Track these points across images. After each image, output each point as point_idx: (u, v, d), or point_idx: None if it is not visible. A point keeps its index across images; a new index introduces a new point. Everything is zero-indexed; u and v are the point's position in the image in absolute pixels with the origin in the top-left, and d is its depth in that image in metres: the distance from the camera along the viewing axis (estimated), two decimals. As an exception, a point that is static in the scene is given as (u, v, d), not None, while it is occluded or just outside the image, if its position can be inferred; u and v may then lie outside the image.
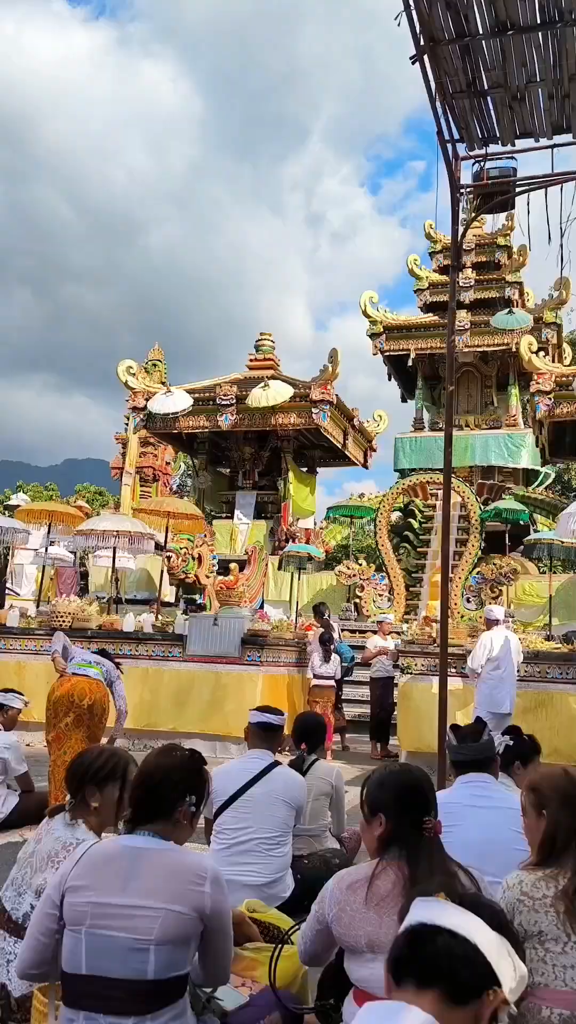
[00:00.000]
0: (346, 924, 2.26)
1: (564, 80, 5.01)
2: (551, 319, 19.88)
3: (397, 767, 2.52)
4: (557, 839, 2.37)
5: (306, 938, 2.49)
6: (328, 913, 2.32)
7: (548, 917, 2.24)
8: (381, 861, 2.29)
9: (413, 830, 2.28)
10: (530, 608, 15.64)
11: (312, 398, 16.72)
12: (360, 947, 2.23)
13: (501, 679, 8.79)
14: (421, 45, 4.68)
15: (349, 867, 2.49)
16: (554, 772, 2.55)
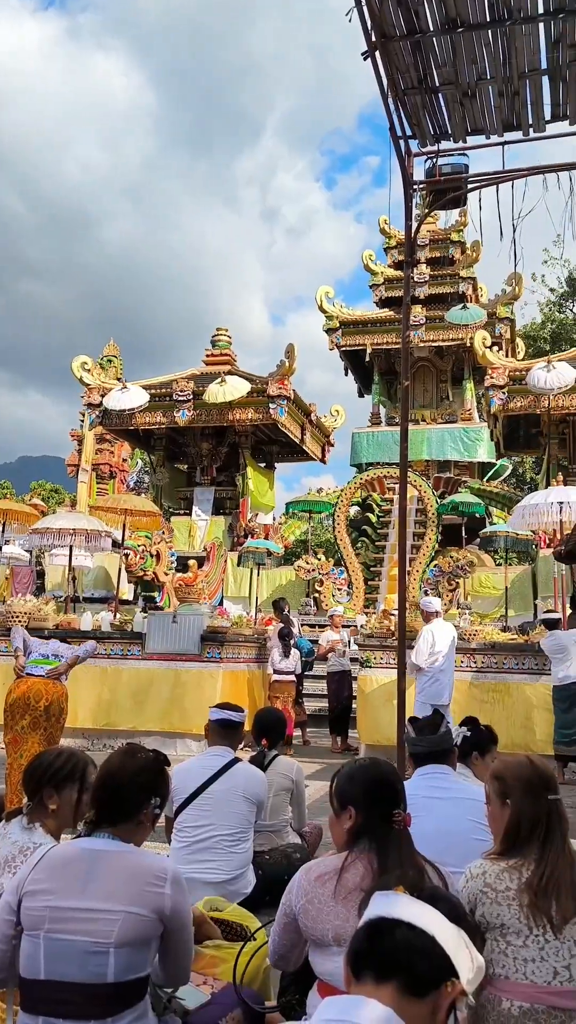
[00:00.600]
0: (313, 916, 2.27)
1: (514, 78, 5.07)
2: (504, 314, 20.13)
3: (367, 761, 2.53)
4: (521, 828, 2.38)
5: (276, 934, 2.48)
6: (295, 905, 2.32)
7: (511, 910, 2.25)
8: (350, 854, 2.29)
9: (382, 823, 2.29)
10: (486, 600, 15.86)
11: (269, 393, 16.72)
12: (327, 940, 2.24)
13: (441, 670, 8.91)
14: (372, 41, 4.69)
15: (318, 859, 2.49)
16: (518, 760, 2.54)
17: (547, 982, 2.17)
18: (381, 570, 17.28)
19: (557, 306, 34.36)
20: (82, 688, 10.48)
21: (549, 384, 14.26)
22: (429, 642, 8.95)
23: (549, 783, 2.44)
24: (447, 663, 8.95)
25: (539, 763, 2.53)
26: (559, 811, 2.40)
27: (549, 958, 2.19)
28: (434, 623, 9.23)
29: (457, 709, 9.11)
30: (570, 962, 2.18)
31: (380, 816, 2.30)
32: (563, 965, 2.18)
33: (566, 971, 2.17)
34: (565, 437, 16.60)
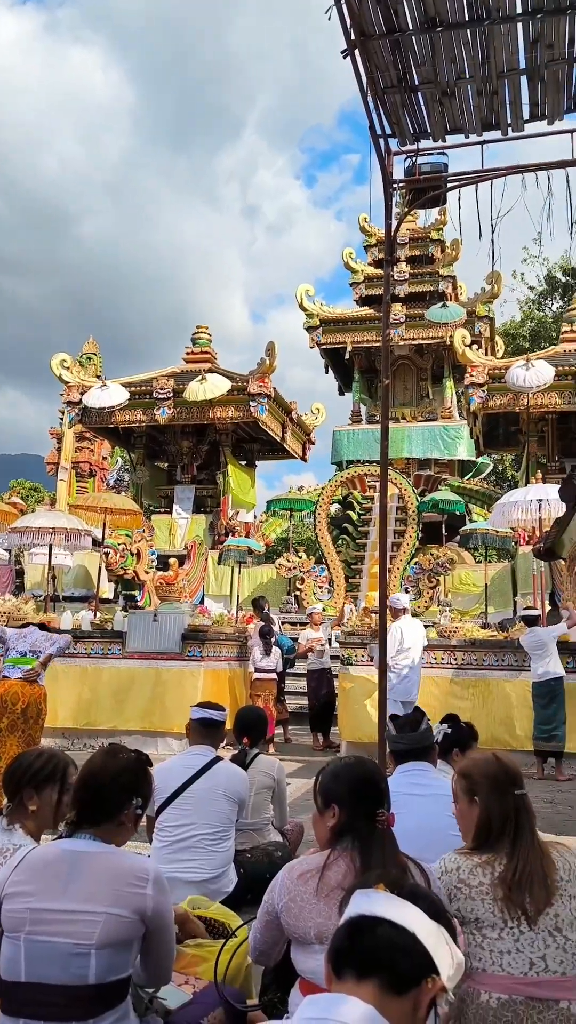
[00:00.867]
0: (295, 914, 2.27)
1: (492, 77, 5.08)
2: (483, 313, 20.26)
3: (352, 759, 2.54)
4: (492, 825, 2.40)
5: (256, 931, 2.48)
6: (278, 903, 2.32)
7: (485, 905, 2.28)
8: (333, 852, 2.30)
9: (366, 822, 2.29)
10: (466, 597, 15.95)
11: (250, 391, 16.70)
12: (309, 938, 2.24)
13: (410, 668, 8.94)
14: (352, 39, 4.68)
15: (300, 857, 2.50)
16: (485, 758, 2.57)
17: (524, 973, 2.20)
18: (362, 568, 17.33)
19: (536, 304, 34.59)
20: (62, 688, 10.44)
21: (528, 382, 14.35)
22: (397, 639, 8.98)
23: (515, 779, 2.48)
24: (415, 659, 8.97)
25: (505, 759, 2.56)
26: (526, 806, 2.43)
27: (525, 949, 2.22)
28: (402, 620, 9.25)
29: (438, 706, 9.16)
30: (545, 952, 2.21)
31: (364, 815, 2.30)
32: (538, 956, 2.20)
33: (542, 961, 2.20)
34: (544, 435, 16.73)
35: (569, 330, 17.17)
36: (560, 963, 2.20)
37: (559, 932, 2.23)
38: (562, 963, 2.20)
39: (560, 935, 2.23)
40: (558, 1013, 2.15)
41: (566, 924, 2.24)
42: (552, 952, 2.21)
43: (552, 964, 2.20)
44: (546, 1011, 2.15)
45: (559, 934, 2.23)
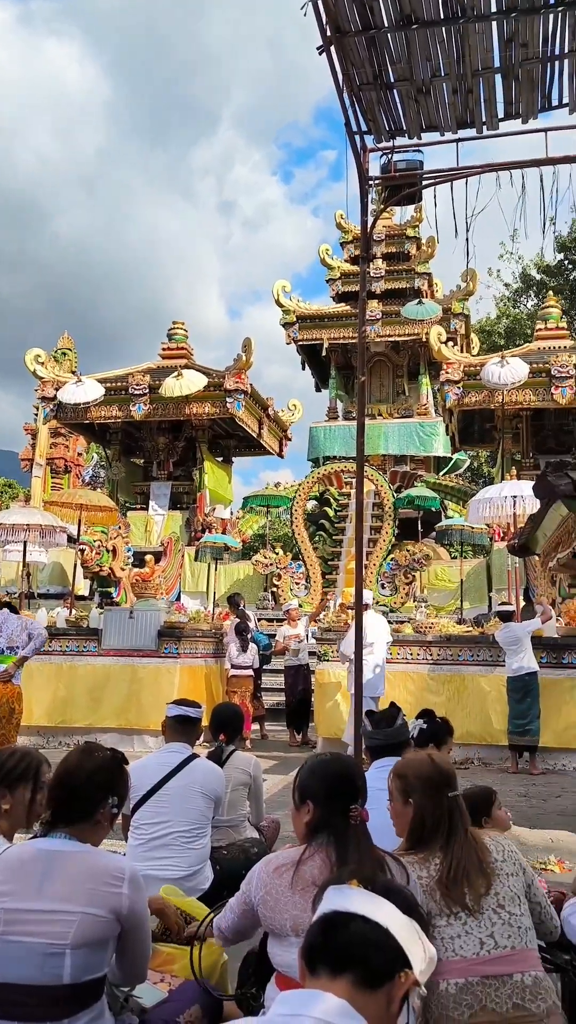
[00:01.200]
0: (271, 907, 2.29)
1: (467, 75, 5.10)
2: (459, 310, 20.34)
3: (329, 756, 2.55)
4: (425, 825, 2.47)
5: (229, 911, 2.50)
6: (255, 896, 2.35)
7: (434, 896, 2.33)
8: (309, 847, 2.32)
9: (341, 818, 2.31)
10: (442, 592, 16.05)
11: (226, 387, 16.66)
12: (285, 931, 2.26)
13: (376, 663, 9.00)
14: (328, 36, 4.69)
15: (277, 852, 2.51)
16: (420, 759, 2.63)
17: (476, 954, 2.26)
18: (339, 564, 17.36)
19: (512, 301, 34.83)
20: (37, 686, 10.37)
21: (503, 379, 14.45)
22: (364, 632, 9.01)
23: (449, 780, 2.54)
24: (379, 654, 9.03)
25: (440, 761, 2.63)
26: (459, 806, 2.50)
27: (473, 931, 2.29)
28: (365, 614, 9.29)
29: (414, 701, 9.22)
30: (493, 930, 2.28)
31: (339, 811, 2.32)
32: (487, 935, 2.28)
33: (491, 939, 2.27)
34: (518, 432, 16.85)
35: (543, 328, 17.31)
36: (508, 937, 2.28)
37: (502, 908, 2.32)
38: (510, 937, 2.28)
39: (504, 911, 2.31)
40: (513, 986, 2.21)
41: (507, 900, 2.33)
42: (499, 928, 2.29)
43: (501, 940, 2.27)
44: (502, 987, 2.21)
45: (503, 910, 2.31)
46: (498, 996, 2.20)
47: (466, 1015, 2.19)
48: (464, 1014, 2.19)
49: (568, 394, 14.96)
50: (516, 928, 2.30)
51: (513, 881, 2.39)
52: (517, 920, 2.32)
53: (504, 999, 2.19)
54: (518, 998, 2.19)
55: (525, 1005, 2.19)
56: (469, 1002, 2.20)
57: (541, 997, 2.21)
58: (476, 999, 2.20)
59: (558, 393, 15.01)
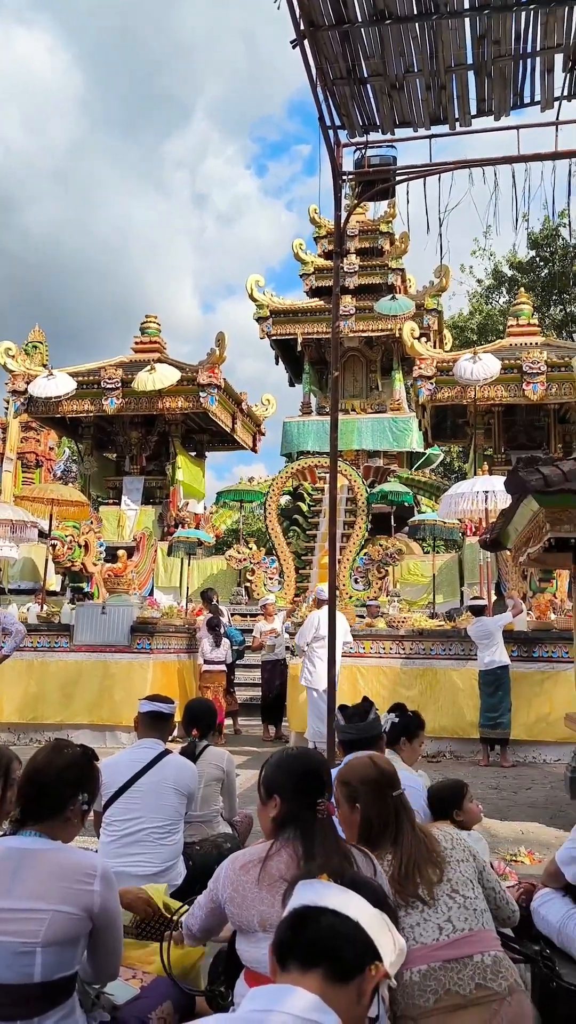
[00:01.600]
0: (239, 904, 2.28)
1: (440, 72, 5.12)
2: (432, 305, 20.43)
3: (296, 750, 2.55)
4: (373, 826, 2.51)
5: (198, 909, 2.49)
6: (222, 894, 2.33)
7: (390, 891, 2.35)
8: (276, 842, 2.31)
9: (308, 812, 2.31)
10: (414, 587, 16.14)
11: (199, 382, 16.59)
12: (253, 927, 2.25)
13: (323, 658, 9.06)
14: (301, 30, 4.68)
15: (244, 849, 2.51)
16: (362, 763, 2.67)
17: (436, 939, 2.29)
18: (312, 559, 17.39)
19: (484, 298, 35.04)
20: (7, 682, 10.29)
21: (475, 375, 14.53)
22: (314, 625, 9.15)
23: (392, 781, 2.58)
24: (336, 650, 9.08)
25: (381, 762, 2.68)
26: (404, 804, 2.55)
27: (431, 918, 2.33)
28: (323, 610, 9.37)
29: (386, 695, 9.27)
30: (450, 915, 2.33)
31: (306, 805, 2.32)
32: (444, 920, 2.32)
33: (448, 924, 2.32)
34: (490, 427, 16.96)
35: (515, 324, 17.43)
36: (465, 920, 2.33)
37: (457, 893, 2.37)
38: (467, 920, 2.33)
39: (458, 895, 2.37)
40: (474, 967, 2.25)
41: (460, 884, 2.39)
42: (456, 912, 2.33)
43: (458, 923, 2.32)
44: (463, 969, 2.25)
45: (457, 895, 2.37)
46: (460, 978, 2.23)
47: (431, 1001, 2.21)
48: (429, 1000, 2.21)
49: (539, 390, 15.09)
50: (472, 911, 2.35)
51: (464, 867, 2.44)
52: (472, 903, 2.37)
53: (467, 980, 2.23)
54: (480, 978, 2.23)
55: (487, 984, 2.23)
56: (433, 987, 2.23)
57: (502, 975, 2.25)
58: (439, 984, 2.23)
59: (529, 389, 15.13)
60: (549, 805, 7.06)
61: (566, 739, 8.60)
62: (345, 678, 9.49)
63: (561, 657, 9.64)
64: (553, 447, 16.71)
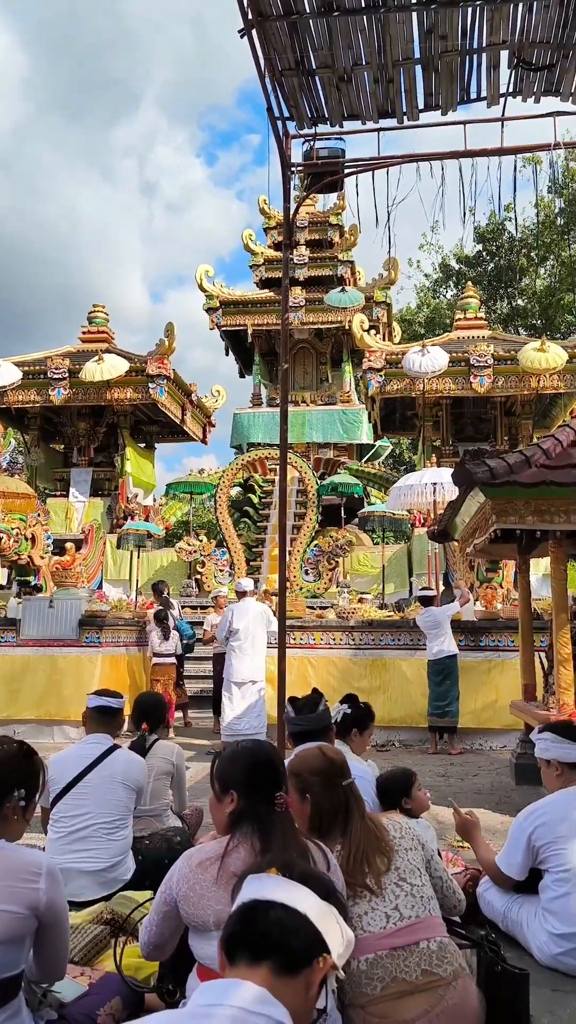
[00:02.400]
0: (194, 903, 2.25)
1: (388, 65, 5.14)
2: (381, 298, 20.55)
3: (249, 743, 2.53)
4: (323, 817, 2.54)
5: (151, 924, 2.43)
6: (177, 892, 2.30)
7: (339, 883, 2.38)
8: (233, 838, 2.29)
9: (265, 805, 2.30)
10: (364, 578, 16.26)
11: (148, 372, 16.45)
12: (208, 925, 2.23)
13: (242, 650, 9.20)
14: (249, 19, 4.65)
15: (198, 846, 2.49)
16: (312, 754, 2.70)
17: (383, 928, 2.33)
18: (263, 551, 17.40)
19: (432, 291, 35.37)
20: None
21: (424, 368, 14.67)
22: (228, 619, 9.28)
23: (342, 770, 2.62)
24: (247, 642, 9.19)
25: (330, 753, 2.71)
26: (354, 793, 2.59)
27: (378, 907, 2.37)
28: (242, 602, 9.50)
29: (337, 686, 9.34)
30: (397, 903, 2.37)
31: (263, 799, 2.31)
32: (392, 908, 2.36)
33: (396, 912, 2.36)
34: (439, 420, 17.16)
35: (462, 317, 17.63)
36: (412, 907, 2.37)
37: (404, 881, 2.41)
38: (413, 907, 2.37)
39: (406, 883, 2.41)
40: (420, 954, 2.29)
41: (408, 873, 2.43)
42: (403, 900, 2.38)
43: (405, 911, 2.36)
44: (409, 956, 2.29)
45: (404, 883, 2.41)
46: (407, 965, 2.27)
47: (378, 988, 2.24)
48: (376, 988, 2.24)
49: (486, 383, 15.31)
50: (419, 898, 2.40)
51: (412, 855, 2.48)
52: (419, 891, 2.41)
53: (413, 967, 2.27)
54: (426, 964, 2.27)
55: (433, 970, 2.27)
56: (380, 975, 2.26)
57: (447, 961, 2.30)
58: (387, 971, 2.26)
59: (476, 382, 15.34)
60: (495, 791, 7.20)
61: (511, 726, 8.77)
62: (295, 669, 9.53)
63: (507, 646, 9.82)
64: (500, 439, 16.98)
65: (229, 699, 9.12)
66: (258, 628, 9.27)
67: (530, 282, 33.00)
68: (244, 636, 9.19)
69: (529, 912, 3.28)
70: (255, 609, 9.41)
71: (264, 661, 9.34)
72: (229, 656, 9.28)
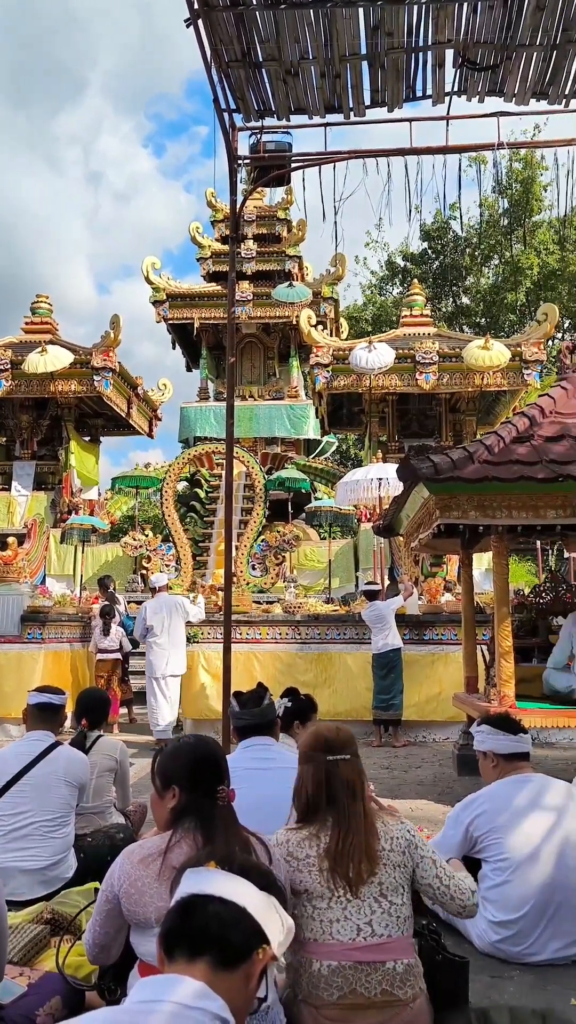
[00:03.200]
0: (136, 900, 2.24)
1: (335, 61, 5.15)
2: (328, 294, 20.61)
3: (192, 738, 2.52)
4: (309, 795, 2.52)
5: (95, 924, 2.39)
6: (118, 889, 2.28)
7: (312, 876, 2.38)
8: (175, 833, 2.27)
9: (208, 800, 2.29)
10: (311, 572, 16.33)
11: (94, 365, 16.21)
12: (149, 922, 2.21)
13: (160, 645, 9.34)
14: (195, 8, 4.61)
15: (139, 842, 2.46)
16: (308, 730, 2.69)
17: (351, 939, 2.31)
18: (210, 545, 17.34)
19: (378, 289, 35.63)
20: None
21: (370, 364, 14.76)
22: (143, 616, 9.40)
23: (328, 745, 2.58)
24: (163, 637, 9.33)
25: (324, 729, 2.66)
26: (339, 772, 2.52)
27: (352, 917, 2.33)
28: (156, 598, 9.62)
29: (283, 680, 9.35)
30: (371, 918, 2.33)
31: (205, 793, 2.30)
32: (364, 922, 2.33)
33: (368, 927, 2.32)
34: (385, 416, 17.29)
35: (408, 315, 17.79)
36: (386, 926, 2.33)
37: (384, 898, 2.36)
38: (387, 926, 2.33)
39: (385, 900, 2.36)
40: (384, 973, 2.28)
41: (390, 890, 2.37)
42: (378, 917, 2.33)
43: (378, 928, 2.32)
44: (373, 972, 2.28)
45: (384, 900, 2.36)
46: (368, 981, 2.26)
47: (335, 996, 2.25)
48: (333, 995, 2.25)
49: (432, 380, 15.47)
50: (395, 918, 2.35)
51: (398, 873, 2.41)
52: (398, 910, 2.36)
53: (374, 984, 2.26)
54: (387, 984, 2.26)
55: (394, 991, 2.26)
56: (339, 984, 2.26)
57: (409, 984, 2.29)
58: (347, 982, 2.26)
59: (422, 379, 15.50)
60: (438, 782, 7.30)
61: (454, 718, 8.90)
62: (241, 664, 9.52)
63: (451, 639, 9.96)
64: (444, 435, 17.19)
65: (153, 695, 9.23)
66: (175, 622, 9.36)
67: (475, 281, 33.47)
68: (160, 631, 9.29)
69: (469, 901, 3.34)
70: (170, 603, 9.49)
71: (184, 655, 9.50)
72: (148, 653, 9.37)
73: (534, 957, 3.26)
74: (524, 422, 6.15)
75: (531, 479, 5.65)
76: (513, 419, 6.31)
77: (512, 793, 3.45)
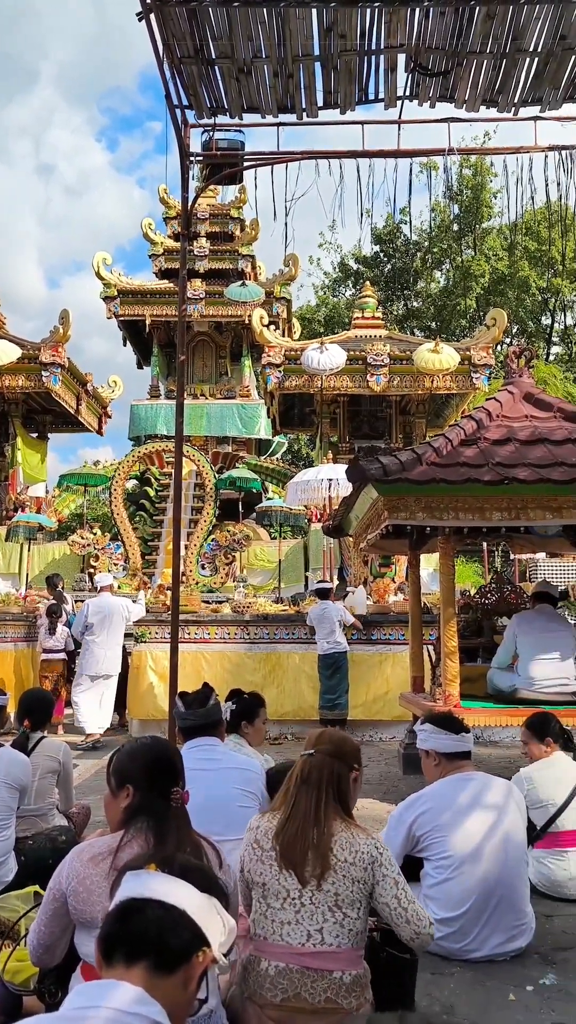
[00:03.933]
0: (83, 899, 2.21)
1: (288, 60, 5.15)
2: (281, 294, 20.63)
3: (148, 739, 2.53)
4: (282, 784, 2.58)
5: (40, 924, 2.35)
6: (66, 887, 2.25)
7: (272, 870, 2.39)
8: (127, 833, 2.26)
9: (161, 801, 2.29)
10: (262, 572, 16.33)
11: (42, 360, 15.95)
12: (96, 922, 2.18)
13: (97, 644, 9.42)
14: (147, 3, 4.56)
15: (89, 840, 2.44)
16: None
17: (301, 944, 2.31)
18: (159, 544, 17.21)
19: (331, 290, 35.80)
20: None
21: (322, 365, 14.81)
22: (84, 614, 9.50)
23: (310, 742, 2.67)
24: (101, 636, 9.42)
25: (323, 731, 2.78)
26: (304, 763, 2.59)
27: (304, 922, 2.33)
28: (98, 597, 9.70)
29: (232, 680, 9.32)
30: (323, 926, 2.33)
31: (159, 794, 2.30)
32: (316, 929, 2.32)
33: (319, 934, 2.32)
34: (336, 416, 17.36)
35: (360, 316, 17.89)
36: (336, 936, 2.32)
37: (339, 909, 2.34)
38: (338, 936, 2.33)
39: (340, 911, 2.34)
40: (331, 982, 2.28)
41: (346, 903, 2.35)
42: (330, 927, 2.33)
43: (328, 937, 2.32)
44: (319, 980, 2.28)
45: (338, 911, 2.34)
46: (314, 988, 2.26)
47: (279, 997, 2.25)
48: (277, 996, 2.25)
49: (382, 382, 15.58)
50: (347, 930, 2.34)
51: (357, 888, 2.37)
52: (351, 923, 2.35)
53: (319, 992, 2.26)
54: (332, 993, 2.26)
55: (338, 1000, 2.26)
56: (284, 987, 2.26)
57: (355, 994, 2.29)
58: (292, 985, 2.26)
59: (373, 380, 15.60)
60: (383, 781, 7.36)
61: (401, 718, 8.98)
62: (189, 664, 9.46)
63: (398, 639, 10.04)
64: (395, 437, 17.33)
65: (82, 693, 9.26)
66: (115, 623, 9.37)
67: (425, 285, 33.85)
68: (99, 631, 9.33)
69: (411, 899, 3.37)
70: (113, 604, 9.48)
71: (119, 656, 9.55)
72: (84, 651, 9.40)
73: (474, 954, 3.31)
74: (472, 425, 6.23)
75: (477, 481, 5.72)
76: (461, 422, 6.39)
77: (454, 792, 3.49)
